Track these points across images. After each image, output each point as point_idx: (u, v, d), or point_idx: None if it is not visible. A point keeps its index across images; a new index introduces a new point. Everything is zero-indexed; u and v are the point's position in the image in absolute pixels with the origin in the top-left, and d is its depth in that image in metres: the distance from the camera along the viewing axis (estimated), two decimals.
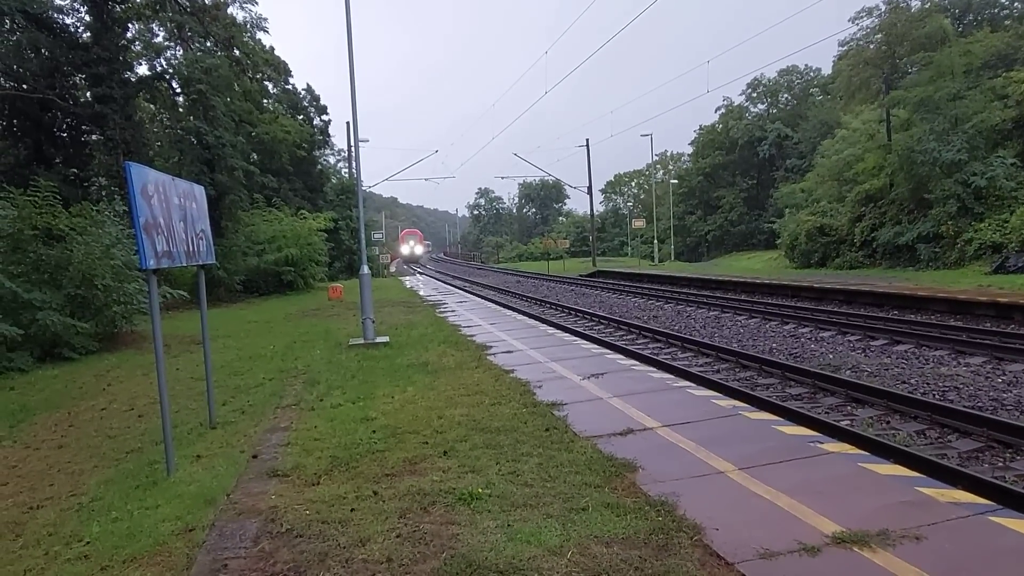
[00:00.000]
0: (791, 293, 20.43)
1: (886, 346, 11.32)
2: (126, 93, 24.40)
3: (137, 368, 11.52)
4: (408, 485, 4.36)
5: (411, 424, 5.89)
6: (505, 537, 3.50)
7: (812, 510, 3.71)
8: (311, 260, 31.10)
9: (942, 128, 26.79)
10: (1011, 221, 24.30)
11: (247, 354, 11.77)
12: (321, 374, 8.91)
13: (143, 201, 4.95)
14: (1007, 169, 25.73)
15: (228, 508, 4.23)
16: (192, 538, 3.85)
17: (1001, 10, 41.66)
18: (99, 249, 13.85)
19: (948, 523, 3.53)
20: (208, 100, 25.33)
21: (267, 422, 6.54)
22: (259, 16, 33.67)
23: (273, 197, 34.81)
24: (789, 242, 38.32)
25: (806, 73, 65.73)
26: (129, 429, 7.61)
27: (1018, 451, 6.05)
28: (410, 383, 7.79)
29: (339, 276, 38.40)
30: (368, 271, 12.29)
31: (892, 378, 9.06)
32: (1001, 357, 9.86)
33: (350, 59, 11.78)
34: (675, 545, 3.36)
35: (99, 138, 24.45)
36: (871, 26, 33.88)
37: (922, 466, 5.31)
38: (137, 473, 5.60)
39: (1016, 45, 31.79)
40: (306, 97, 48.76)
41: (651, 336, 13.65)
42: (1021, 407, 7.38)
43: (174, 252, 5.56)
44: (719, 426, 5.53)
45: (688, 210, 68.41)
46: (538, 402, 6.45)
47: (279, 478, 4.70)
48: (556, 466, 4.57)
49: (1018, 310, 13.16)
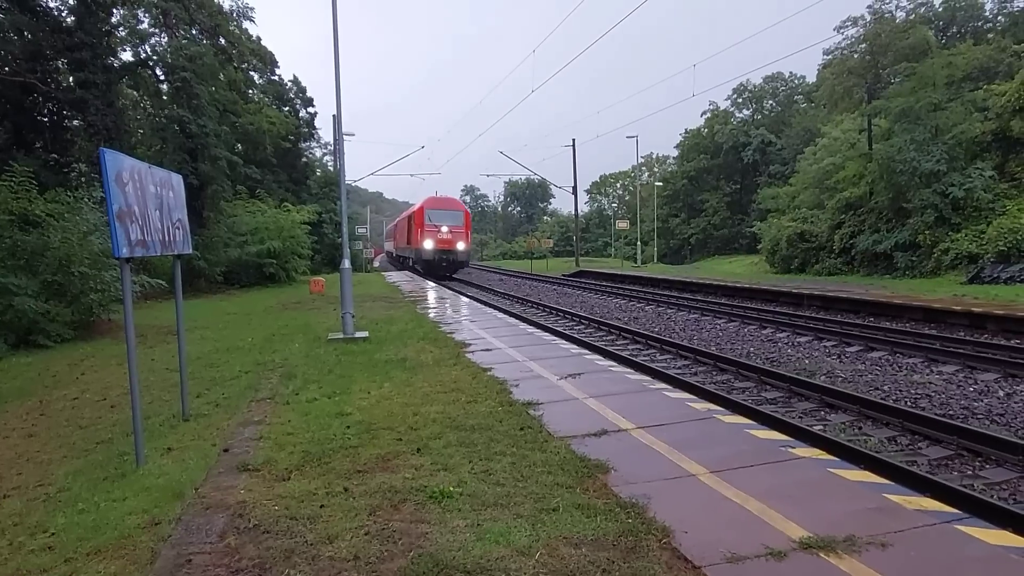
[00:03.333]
0: (770, 298, 20.61)
1: (861, 352, 11.45)
2: (109, 79, 24.07)
3: (112, 357, 11.37)
4: (379, 482, 4.33)
5: (386, 420, 5.86)
6: (474, 536, 3.49)
7: (781, 515, 3.73)
8: (293, 253, 30.94)
9: (922, 138, 27.18)
10: (987, 232, 24.71)
11: (224, 346, 11.66)
12: (298, 368, 8.84)
13: (117, 188, 4.88)
14: (985, 181, 26.16)
15: (196, 502, 4.18)
16: (158, 532, 3.80)
17: (984, 23, 42.32)
18: (77, 236, 13.67)
19: (914, 531, 3.57)
20: (192, 88, 25.08)
21: (241, 415, 6.48)
22: (246, 5, 33.43)
23: (256, 188, 34.56)
24: (770, 247, 38.71)
25: (791, 80, 66.44)
26: (101, 419, 7.52)
27: (987, 459, 6.14)
28: (387, 379, 7.75)
29: (322, 269, 38.19)
30: (349, 266, 12.22)
31: (866, 384, 9.16)
32: (973, 366, 10.01)
33: (335, 50, 11.70)
34: (644, 547, 3.36)
35: (80, 124, 24.15)
36: (856, 35, 34.30)
37: (891, 473, 5.38)
38: (106, 464, 5.53)
39: (998, 58, 32.32)
40: (292, 89, 48.44)
41: (631, 337, 13.70)
42: (991, 416, 7.50)
43: (149, 241, 5.48)
44: (693, 429, 5.56)
45: (672, 212, 68.85)
46: (514, 401, 6.44)
47: (249, 472, 4.65)
48: (529, 466, 4.57)
49: (991, 320, 13.36)
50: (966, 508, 4.51)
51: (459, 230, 33.99)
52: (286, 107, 46.25)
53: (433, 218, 33.42)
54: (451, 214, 34.41)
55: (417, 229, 34.20)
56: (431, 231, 33.02)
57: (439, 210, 34.40)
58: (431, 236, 33.08)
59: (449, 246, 33.33)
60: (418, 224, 34.12)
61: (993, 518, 4.44)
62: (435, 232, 32.99)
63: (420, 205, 35.59)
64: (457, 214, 34.73)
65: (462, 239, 34.06)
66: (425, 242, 33.02)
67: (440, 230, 32.97)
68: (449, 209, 34.95)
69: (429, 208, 34.31)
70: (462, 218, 34.78)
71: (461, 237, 34.04)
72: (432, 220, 33.26)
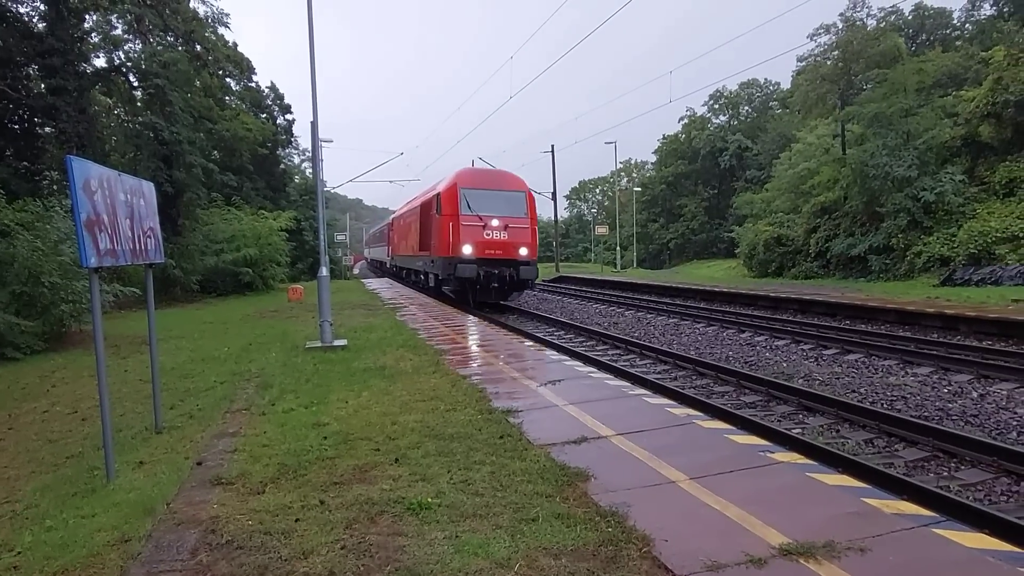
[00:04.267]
0: (748, 302, 20.77)
1: (837, 355, 11.56)
2: (81, 85, 23.72)
3: (84, 369, 11.15)
4: (356, 494, 4.26)
5: (364, 430, 5.78)
6: (452, 549, 3.43)
7: (761, 521, 3.73)
8: (271, 260, 30.63)
9: (894, 144, 27.68)
10: (958, 235, 25.18)
11: (200, 356, 11.48)
12: (275, 377, 8.71)
13: (85, 197, 4.78)
14: (955, 185, 26.68)
15: (167, 518, 4.08)
16: (127, 549, 3.69)
17: (952, 31, 43.22)
18: (47, 245, 13.40)
19: (892, 535, 3.58)
20: (166, 95, 24.79)
21: (215, 427, 6.36)
22: (221, 11, 33.10)
23: (233, 196, 34.18)
24: (747, 251, 39.13)
25: (766, 86, 67.38)
26: (71, 433, 7.36)
27: (962, 460, 6.21)
28: (365, 387, 7.66)
29: (301, 277, 37.87)
30: (327, 273, 12.09)
31: (843, 387, 9.25)
32: (947, 368, 10.15)
33: (311, 56, 11.60)
34: (624, 557, 3.34)
35: (52, 131, 23.76)
36: (828, 43, 34.90)
37: (869, 476, 5.41)
38: (75, 479, 5.40)
39: (966, 65, 33.01)
40: (269, 95, 48.10)
41: (611, 343, 13.72)
42: (966, 417, 7.60)
43: (119, 250, 5.37)
44: (673, 435, 5.55)
45: (651, 218, 69.36)
46: (493, 409, 6.39)
47: (223, 486, 4.55)
48: (508, 475, 4.53)
49: (963, 322, 13.58)
50: (943, 511, 4.55)
51: (521, 224, 19.53)
52: (263, 114, 45.88)
53: (475, 203, 19.05)
54: (506, 197, 19.84)
55: (442, 224, 19.63)
56: (471, 227, 18.83)
57: (484, 191, 19.66)
58: (472, 236, 18.79)
59: (506, 253, 19.06)
60: (447, 214, 19.36)
61: (969, 520, 4.48)
62: (478, 228, 18.84)
63: (446, 183, 20.30)
64: (516, 197, 20.07)
65: (526, 241, 19.47)
66: (461, 246, 18.67)
67: (488, 225, 18.83)
68: (501, 189, 20.11)
69: (467, 187, 19.44)
70: (524, 204, 20.09)
71: (524, 237, 19.50)
72: (473, 207, 18.96)
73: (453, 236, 18.86)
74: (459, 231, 18.74)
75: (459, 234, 18.72)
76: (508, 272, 18.87)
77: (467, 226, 18.79)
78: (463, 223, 18.78)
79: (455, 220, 18.87)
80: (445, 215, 19.42)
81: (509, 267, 18.96)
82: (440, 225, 19.77)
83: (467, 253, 18.61)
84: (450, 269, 19.06)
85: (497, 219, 19.06)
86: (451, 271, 18.95)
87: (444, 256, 19.64)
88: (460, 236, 18.71)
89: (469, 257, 18.60)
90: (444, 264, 19.81)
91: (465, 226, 18.78)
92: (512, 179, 21.30)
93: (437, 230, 20.29)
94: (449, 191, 19.64)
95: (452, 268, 18.81)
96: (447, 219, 19.23)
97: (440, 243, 19.93)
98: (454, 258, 18.75)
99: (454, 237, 18.84)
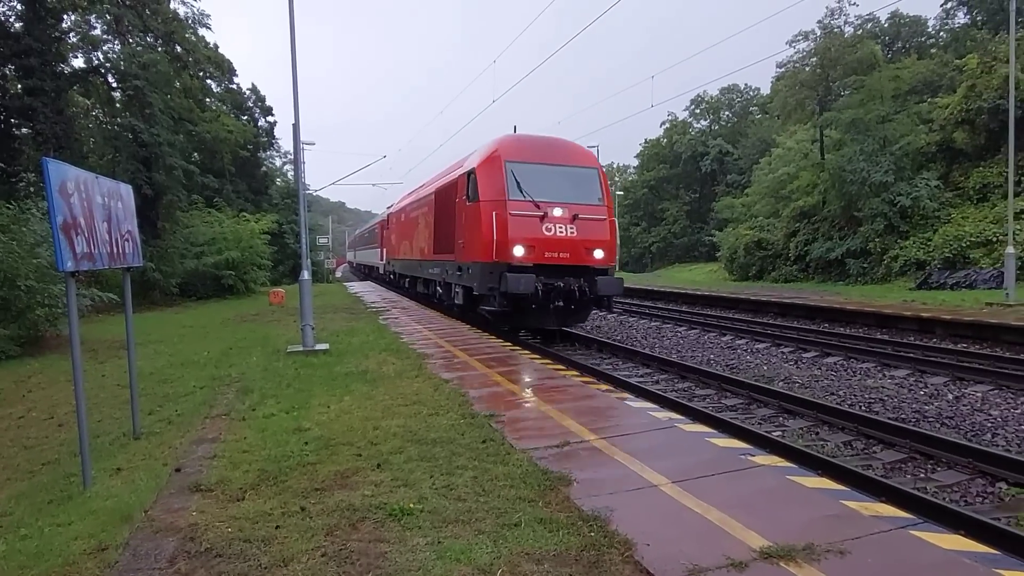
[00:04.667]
0: (729, 305, 20.95)
1: (817, 358, 11.69)
2: (58, 86, 23.42)
3: (61, 374, 10.96)
4: (338, 500, 4.23)
5: (346, 435, 5.75)
6: (434, 555, 3.42)
7: (741, 524, 3.75)
8: (253, 264, 30.40)
9: (871, 149, 28.11)
10: (934, 240, 25.60)
11: (179, 361, 11.36)
12: (255, 382, 8.64)
13: (61, 199, 4.71)
14: (930, 190, 27.13)
15: (145, 525, 4.02)
16: (104, 558, 3.64)
17: (927, 39, 43.92)
18: (23, 248, 13.18)
19: (871, 537, 3.62)
20: (146, 97, 24.53)
21: (194, 433, 6.29)
22: (201, 12, 32.87)
23: (214, 198, 33.87)
24: (729, 255, 39.45)
25: (746, 92, 67.99)
26: (47, 439, 7.24)
27: (939, 462, 6.29)
28: (347, 392, 7.62)
29: (283, 280, 37.59)
30: (309, 276, 12.02)
31: (822, 389, 9.35)
32: (924, 370, 10.30)
33: (293, 58, 11.54)
34: (606, 562, 3.34)
35: (29, 132, 23.42)
36: (807, 49, 35.34)
37: (848, 478, 5.47)
38: (52, 487, 5.31)
39: (941, 72, 33.58)
40: (251, 97, 47.77)
41: (595, 346, 13.75)
42: (942, 419, 7.71)
43: (96, 253, 5.30)
44: (655, 438, 5.58)
45: (633, 221, 69.65)
46: (476, 413, 6.38)
47: (202, 493, 4.50)
48: (491, 480, 4.52)
49: (939, 325, 13.80)
50: (920, 512, 4.61)
51: (595, 215, 13.47)
52: (244, 116, 45.55)
53: (529, 184, 13.13)
54: (571, 176, 13.84)
55: (478, 215, 13.35)
56: (525, 218, 12.89)
57: (540, 166, 13.65)
58: (526, 231, 12.85)
59: (575, 256, 13.06)
60: (487, 200, 13.18)
61: (946, 521, 4.54)
62: (534, 221, 12.91)
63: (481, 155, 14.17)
64: (586, 176, 14.00)
65: (603, 239, 13.45)
66: (511, 247, 12.66)
67: (549, 216, 12.92)
68: (564, 163, 14.00)
69: (515, 160, 13.43)
70: (597, 185, 13.98)
71: (601, 232, 13.48)
72: (527, 190, 13.03)
73: (499, 232, 12.46)
74: (507, 224, 12.46)
75: (507, 228, 12.44)
76: (578, 284, 12.53)
77: (519, 217, 12.52)
78: (513, 213, 12.52)
79: (500, 208, 12.59)
80: (484, 202, 12.90)
81: (579, 276, 12.64)
82: (474, 217, 13.30)
83: (519, 256, 12.37)
84: (492, 281, 12.58)
85: (561, 207, 12.72)
86: (494, 283, 12.52)
87: (482, 261, 12.88)
88: (509, 232, 12.42)
89: (523, 262, 12.34)
90: (483, 273, 12.96)
91: (516, 217, 12.51)
92: (577, 151, 14.45)
93: (469, 224, 13.76)
94: (488, 165, 13.24)
95: (496, 279, 12.44)
96: (487, 208, 12.76)
97: (475, 242, 13.30)
98: (500, 264, 12.41)
99: (500, 233, 12.45)
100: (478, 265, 13.23)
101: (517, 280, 11.82)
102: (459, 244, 14.64)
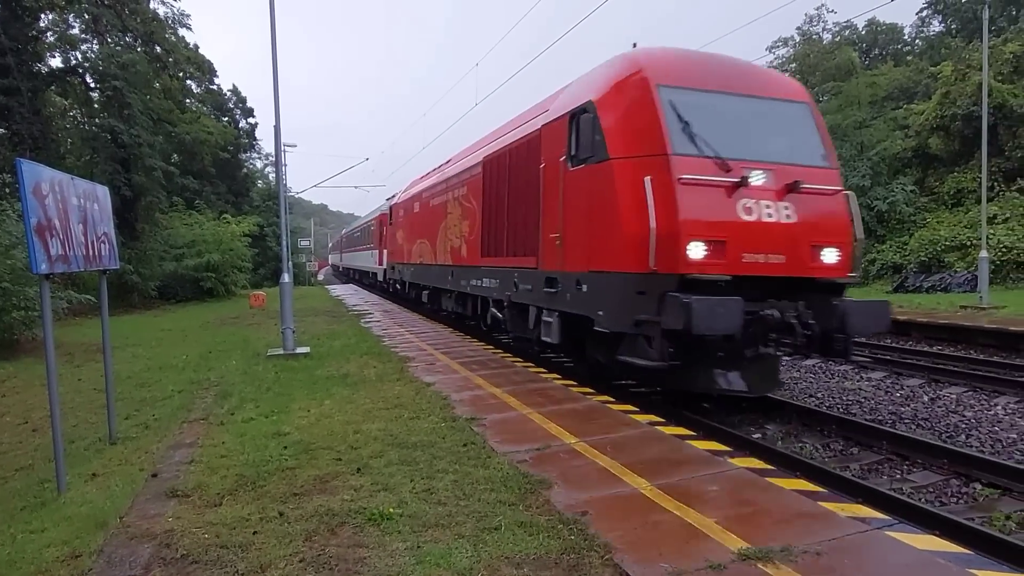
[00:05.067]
0: None
1: (795, 360, 11.80)
2: (35, 86, 23.10)
3: (36, 378, 10.78)
4: (317, 505, 4.20)
5: (326, 439, 5.71)
6: (414, 560, 3.41)
7: (721, 527, 3.77)
8: (233, 266, 30.12)
9: (849, 154, 28.48)
10: (910, 243, 25.97)
11: (157, 364, 11.23)
12: (235, 386, 8.56)
13: (36, 201, 4.65)
14: (907, 195, 27.53)
15: (120, 532, 3.96)
16: (78, 565, 3.58)
17: (904, 46, 44.55)
18: None
19: (848, 538, 3.65)
20: (124, 97, 24.24)
21: (172, 437, 6.21)
22: (181, 12, 32.63)
23: (195, 200, 33.55)
24: None
25: None
26: (21, 444, 7.14)
27: (914, 463, 6.38)
28: (328, 396, 7.57)
29: (264, 283, 37.28)
30: (289, 279, 11.94)
31: (801, 391, 9.45)
32: (900, 372, 10.44)
33: (273, 58, 11.48)
34: (586, 565, 3.35)
35: (4, 132, 23.01)
36: (786, 55, 35.76)
37: (825, 480, 5.53)
38: (25, 492, 5.24)
39: (916, 79, 34.07)
40: (232, 99, 47.40)
41: None
42: (917, 420, 7.82)
43: (71, 256, 5.23)
44: (635, 441, 5.59)
45: None
46: (457, 416, 6.37)
47: (179, 498, 4.45)
48: (471, 483, 4.51)
49: (915, 328, 14.00)
50: (896, 513, 4.69)
51: (822, 183, 6.98)
52: (225, 117, 45.18)
53: (704, 126, 6.70)
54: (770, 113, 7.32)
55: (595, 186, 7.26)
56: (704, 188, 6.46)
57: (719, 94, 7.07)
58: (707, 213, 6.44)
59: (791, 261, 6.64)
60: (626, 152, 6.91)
61: (921, 522, 4.61)
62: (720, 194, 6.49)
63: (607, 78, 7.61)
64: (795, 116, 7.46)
65: (837, 229, 6.95)
66: (685, 244, 6.28)
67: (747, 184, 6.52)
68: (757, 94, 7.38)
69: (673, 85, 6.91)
70: (813, 128, 7.45)
71: (832, 217, 6.98)
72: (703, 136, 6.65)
73: (658, 215, 6.45)
74: (675, 200, 6.49)
75: (676, 208, 6.48)
76: (798, 312, 6.75)
77: (696, 186, 6.58)
78: (684, 178, 6.53)
79: (658, 170, 6.66)
80: (620, 160, 7.10)
81: (798, 295, 6.90)
82: (592, 189, 7.55)
83: (698, 260, 6.45)
84: (642, 308, 6.69)
85: (764, 170, 6.83)
86: (647, 312, 6.61)
87: (617, 272, 7.04)
88: (680, 213, 6.46)
89: (706, 271, 6.45)
90: (622, 294, 7.00)
91: (691, 186, 6.56)
92: (773, 76, 9.03)
93: (576, 203, 7.91)
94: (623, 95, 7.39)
95: (653, 305, 6.54)
96: (628, 170, 6.97)
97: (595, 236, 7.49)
98: (658, 277, 6.53)
99: (661, 218, 6.45)
100: (607, 278, 7.26)
101: (710, 310, 5.99)
102: (549, 240, 8.63)
